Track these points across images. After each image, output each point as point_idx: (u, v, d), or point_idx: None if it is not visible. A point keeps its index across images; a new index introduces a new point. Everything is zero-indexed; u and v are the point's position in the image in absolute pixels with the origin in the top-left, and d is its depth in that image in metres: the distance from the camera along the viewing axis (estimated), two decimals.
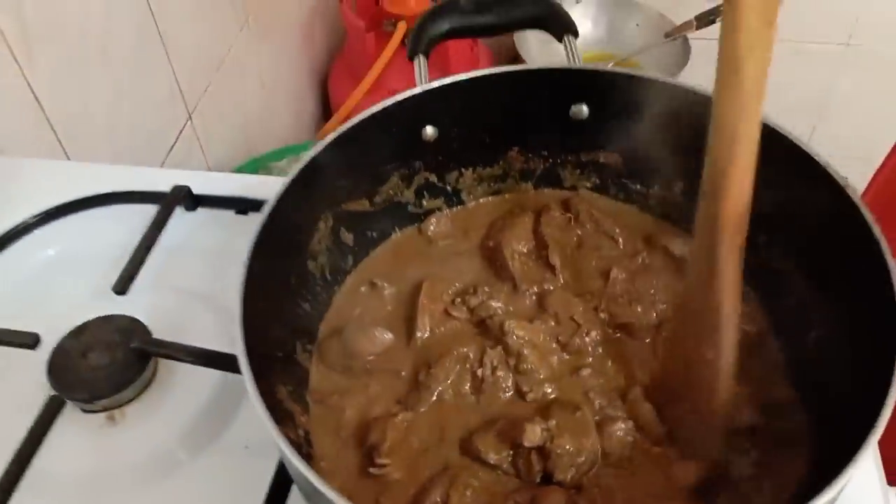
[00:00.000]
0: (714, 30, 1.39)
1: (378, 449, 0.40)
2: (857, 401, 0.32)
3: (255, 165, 1.06)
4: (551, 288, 0.46)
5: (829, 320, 0.39)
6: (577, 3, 1.54)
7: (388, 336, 0.44)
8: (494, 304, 0.44)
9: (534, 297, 0.46)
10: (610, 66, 1.36)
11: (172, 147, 0.94)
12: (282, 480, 0.45)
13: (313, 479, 0.30)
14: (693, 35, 1.42)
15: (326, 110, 1.48)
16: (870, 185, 0.68)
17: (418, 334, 0.45)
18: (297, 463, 0.31)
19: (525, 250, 0.47)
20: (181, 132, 0.96)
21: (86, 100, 0.76)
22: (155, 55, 0.88)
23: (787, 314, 0.43)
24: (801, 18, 1.51)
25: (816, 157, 0.39)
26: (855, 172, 1.20)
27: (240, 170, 1.07)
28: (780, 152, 0.40)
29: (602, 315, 0.44)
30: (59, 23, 0.71)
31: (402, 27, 1.31)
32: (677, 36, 1.44)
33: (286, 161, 1.06)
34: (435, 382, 0.43)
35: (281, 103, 1.30)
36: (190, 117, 0.97)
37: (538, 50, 1.41)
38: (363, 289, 0.47)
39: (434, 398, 0.43)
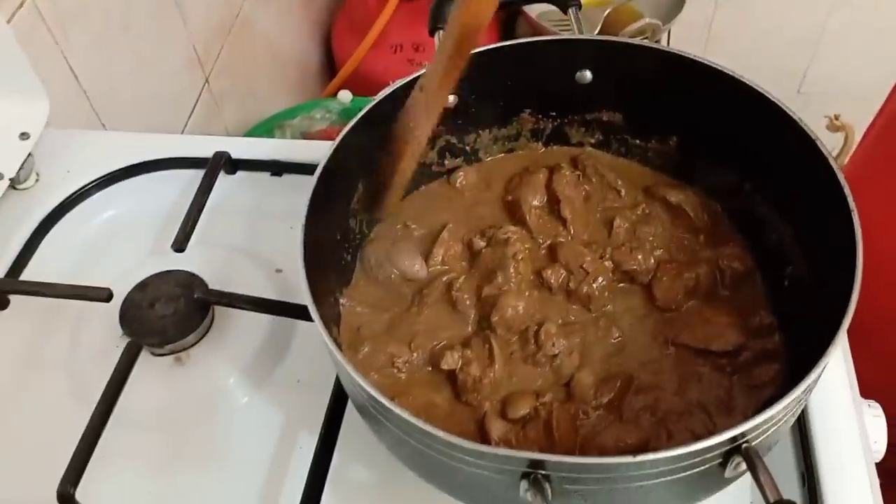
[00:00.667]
0: None
1: None
2: (824, 320, 0.39)
3: (270, 124, 1.11)
4: (562, 240, 0.52)
5: (801, 257, 0.46)
6: None
7: (423, 269, 0.51)
8: (513, 237, 0.51)
9: (546, 249, 0.53)
10: (606, 13, 1.38)
11: (192, 112, 0.99)
12: (334, 410, 0.51)
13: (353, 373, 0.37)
14: None
15: (331, 67, 1.51)
16: (859, 145, 0.73)
17: (430, 262, 0.52)
18: (340, 359, 0.37)
19: (539, 204, 0.53)
20: (199, 96, 1.00)
21: (113, 71, 0.81)
22: (172, 24, 0.92)
23: (769, 253, 0.49)
24: None
25: (798, 121, 0.44)
26: (849, 109, 1.26)
27: (256, 129, 1.11)
28: (767, 115, 0.45)
29: (607, 263, 0.51)
30: (86, 1, 0.75)
31: None
32: None
33: (299, 119, 1.11)
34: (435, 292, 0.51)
35: (288, 62, 1.33)
36: (207, 81, 1.02)
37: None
38: (398, 227, 0.54)
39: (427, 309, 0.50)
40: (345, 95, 1.12)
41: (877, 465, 0.80)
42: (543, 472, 0.34)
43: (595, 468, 0.33)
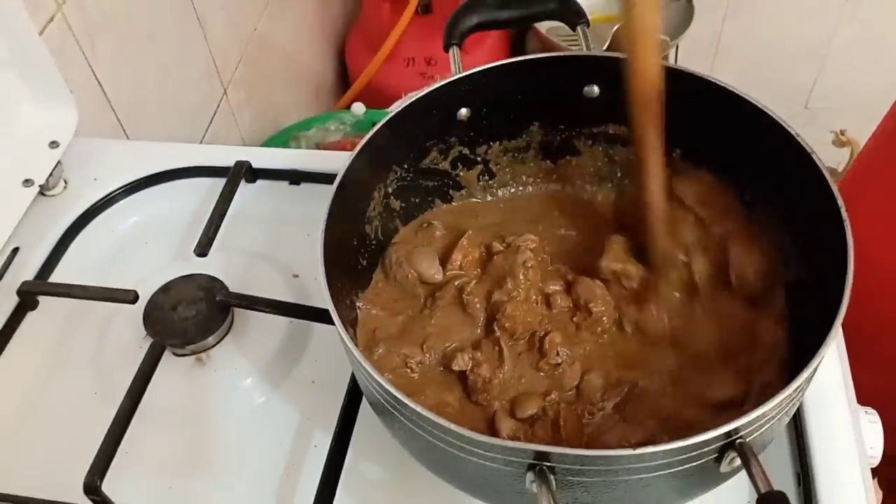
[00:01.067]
0: None
1: None
2: (820, 323, 0.40)
3: (286, 135, 1.14)
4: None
5: (801, 262, 0.48)
6: None
7: (439, 273, 0.54)
8: (525, 245, 0.54)
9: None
10: (615, 29, 1.41)
11: (211, 122, 1.02)
12: (349, 408, 0.53)
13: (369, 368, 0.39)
14: None
15: (345, 79, 1.54)
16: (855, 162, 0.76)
17: (448, 267, 0.54)
18: (355, 352, 0.40)
19: None
20: (218, 107, 1.03)
21: (138, 82, 0.84)
22: (193, 36, 0.95)
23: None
24: None
25: (796, 136, 0.46)
26: (856, 123, 1.27)
27: (272, 140, 1.14)
28: (766, 130, 0.48)
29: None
30: (112, 13, 0.78)
31: None
32: None
33: (314, 130, 1.14)
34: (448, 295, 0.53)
35: (302, 74, 1.36)
36: (225, 92, 1.05)
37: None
38: (424, 225, 0.57)
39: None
40: (358, 108, 1.15)
41: (878, 474, 0.82)
42: (549, 464, 0.36)
43: (597, 460, 0.35)
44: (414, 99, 0.51)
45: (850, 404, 0.54)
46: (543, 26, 1.49)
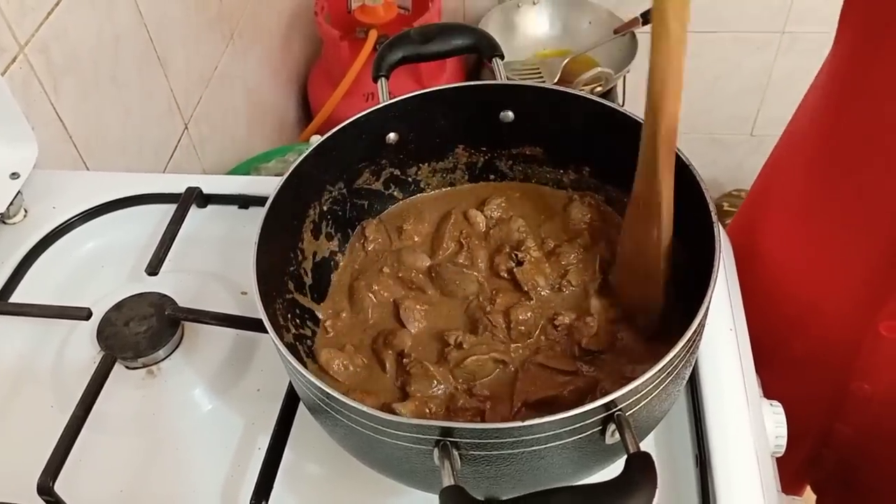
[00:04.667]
0: None
1: None
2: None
3: (246, 167, 1.19)
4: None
5: (685, 261, 0.54)
6: (535, 4, 1.67)
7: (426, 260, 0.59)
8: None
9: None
10: (565, 63, 1.48)
11: (172, 155, 1.07)
12: (287, 409, 0.57)
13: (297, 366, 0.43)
14: (639, 30, 1.56)
15: (307, 114, 1.60)
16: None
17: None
18: (286, 354, 0.44)
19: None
20: (179, 141, 1.08)
21: (99, 119, 0.89)
22: (155, 77, 1.00)
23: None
24: (742, 9, 1.66)
25: (678, 151, 0.52)
26: None
27: (232, 172, 1.19)
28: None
29: None
30: (77, 56, 0.83)
31: (373, 34, 1.43)
32: (625, 31, 1.57)
33: (274, 162, 1.19)
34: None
35: (265, 110, 1.42)
36: (186, 127, 1.10)
37: None
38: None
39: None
40: (316, 140, 1.20)
41: (806, 478, 0.87)
42: (452, 439, 0.40)
43: (491, 433, 0.40)
44: (343, 126, 0.57)
45: (751, 395, 0.59)
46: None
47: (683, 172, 0.51)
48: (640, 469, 0.37)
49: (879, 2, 0.55)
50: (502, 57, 0.61)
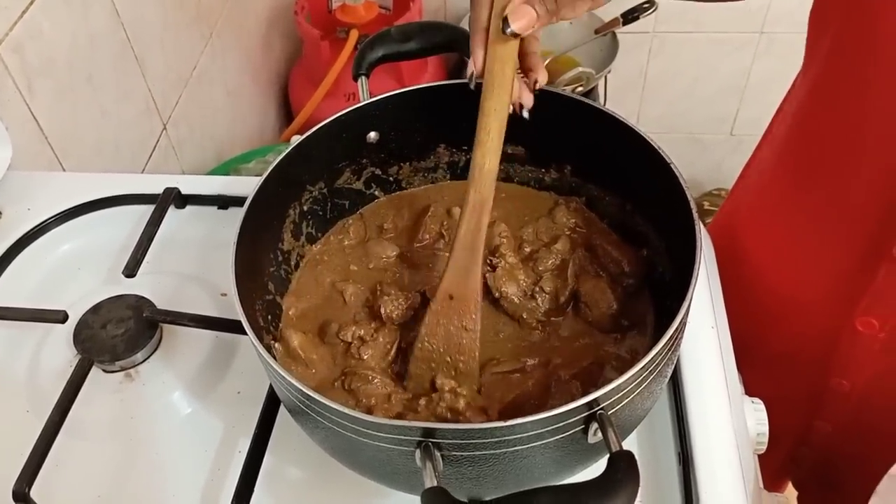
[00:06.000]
0: (638, 24, 1.55)
1: None
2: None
3: (226, 168, 1.18)
4: None
5: (666, 260, 0.54)
6: None
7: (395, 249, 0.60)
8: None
9: None
10: (546, 62, 1.49)
11: (151, 155, 1.05)
12: (268, 412, 0.57)
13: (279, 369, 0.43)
14: (620, 30, 1.57)
15: (288, 114, 1.59)
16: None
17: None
18: (265, 356, 0.43)
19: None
20: (158, 142, 1.07)
21: (76, 120, 0.88)
22: (132, 76, 0.99)
23: (645, 258, 0.57)
24: (720, 11, 1.68)
25: (658, 149, 0.52)
26: None
27: (212, 172, 1.18)
28: (637, 146, 0.53)
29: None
30: (51, 57, 0.82)
31: (353, 34, 1.42)
32: (606, 32, 1.58)
33: (254, 163, 1.18)
34: None
35: (246, 110, 1.41)
36: (165, 128, 1.09)
37: None
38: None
39: None
40: (297, 140, 1.19)
41: (789, 476, 0.87)
42: (434, 440, 0.40)
43: (473, 433, 0.39)
44: (323, 125, 0.56)
45: (733, 393, 0.59)
46: None
47: (665, 172, 0.51)
48: (623, 468, 0.37)
49: (847, 17, 0.55)
50: None
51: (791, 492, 0.90)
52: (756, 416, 0.62)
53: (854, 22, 0.54)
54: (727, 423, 0.55)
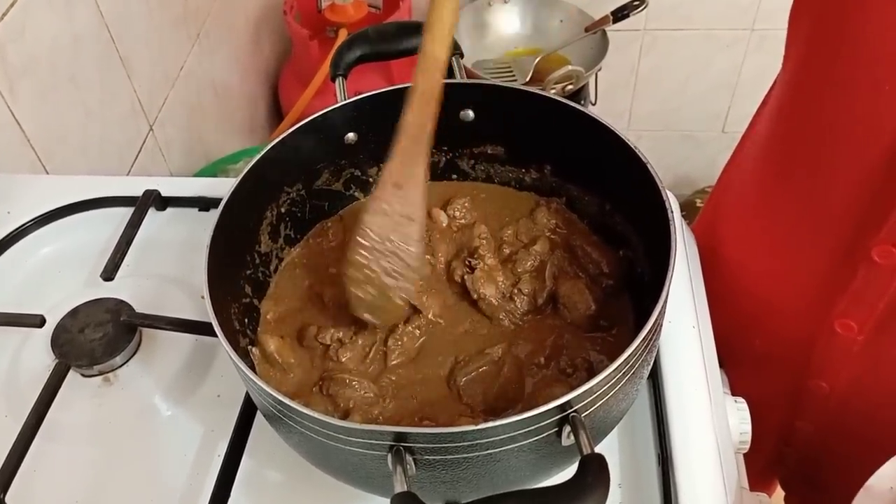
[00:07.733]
0: (629, 22, 1.54)
1: None
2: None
3: (214, 169, 1.17)
4: None
5: (645, 260, 0.53)
6: (506, 2, 1.67)
7: None
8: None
9: None
10: (536, 61, 1.49)
11: (137, 157, 1.05)
12: (245, 416, 0.57)
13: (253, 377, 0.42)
14: (610, 28, 1.56)
15: (278, 113, 1.59)
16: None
17: None
18: (241, 366, 0.43)
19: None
20: (144, 143, 1.06)
21: (60, 122, 0.87)
22: (117, 77, 0.99)
23: (624, 259, 0.57)
24: (711, 7, 1.67)
25: (635, 149, 0.51)
26: None
27: (200, 173, 1.17)
28: (612, 144, 0.53)
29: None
30: (33, 58, 0.81)
31: (343, 33, 1.42)
32: (596, 30, 1.57)
33: (242, 163, 1.17)
34: None
35: (235, 110, 1.40)
36: (151, 129, 1.08)
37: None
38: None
39: None
40: (273, 142, 1.18)
41: (775, 476, 0.87)
42: (406, 444, 0.40)
43: (444, 437, 0.39)
44: (300, 126, 0.56)
45: (715, 393, 0.59)
46: (469, 60, 1.57)
47: (641, 171, 0.51)
48: (593, 471, 0.36)
49: (822, 14, 0.55)
50: (461, 55, 0.60)
51: (779, 492, 0.90)
52: (739, 415, 0.62)
53: (827, 19, 0.54)
54: (707, 423, 0.55)
